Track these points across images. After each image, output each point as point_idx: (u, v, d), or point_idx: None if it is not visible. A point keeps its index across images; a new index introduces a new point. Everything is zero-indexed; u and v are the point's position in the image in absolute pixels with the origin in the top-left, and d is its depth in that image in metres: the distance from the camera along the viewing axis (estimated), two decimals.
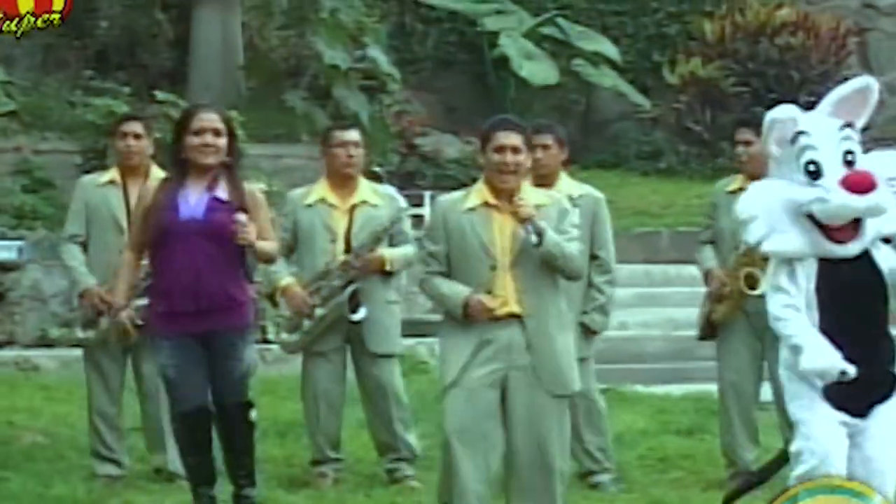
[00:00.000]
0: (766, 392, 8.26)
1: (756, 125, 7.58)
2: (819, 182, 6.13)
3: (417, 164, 15.38)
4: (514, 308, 6.43)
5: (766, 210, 6.34)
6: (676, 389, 11.03)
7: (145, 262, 7.08)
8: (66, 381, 10.09)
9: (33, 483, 7.67)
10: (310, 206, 8.05)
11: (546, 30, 17.45)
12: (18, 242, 10.38)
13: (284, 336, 8.12)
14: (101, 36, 16.28)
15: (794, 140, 6.25)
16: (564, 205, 6.65)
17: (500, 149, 6.43)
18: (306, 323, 7.95)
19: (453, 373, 6.46)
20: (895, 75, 18.10)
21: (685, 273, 12.42)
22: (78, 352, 8.25)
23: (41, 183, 13.23)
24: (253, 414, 6.95)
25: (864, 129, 6.48)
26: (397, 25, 17.58)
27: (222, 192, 6.81)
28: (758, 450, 8.15)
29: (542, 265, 6.45)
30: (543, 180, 7.90)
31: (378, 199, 8.07)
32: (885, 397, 6.29)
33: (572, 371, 6.54)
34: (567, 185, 8.05)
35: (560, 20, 17.49)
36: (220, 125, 6.85)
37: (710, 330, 8.26)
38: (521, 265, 6.43)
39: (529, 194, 6.54)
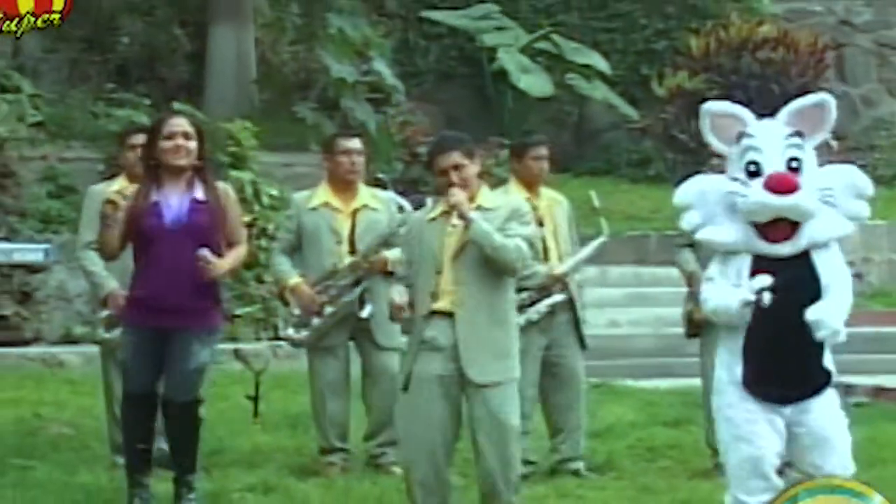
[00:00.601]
0: None
1: None
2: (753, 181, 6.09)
3: (420, 172, 15.30)
4: (450, 306, 6.38)
5: (701, 201, 6.29)
6: (664, 384, 11.03)
7: None
8: (90, 376, 10.08)
9: (59, 471, 7.67)
10: (314, 209, 8.07)
11: (541, 45, 17.45)
12: (45, 245, 10.32)
13: (291, 332, 8.11)
14: (123, 51, 16.28)
15: (738, 139, 6.24)
16: (517, 207, 6.58)
17: (443, 172, 6.44)
18: (315, 320, 7.96)
19: (402, 377, 6.48)
20: (870, 87, 18.09)
21: (673, 274, 12.33)
22: None
23: (66, 189, 13.23)
24: (201, 410, 6.90)
25: (840, 139, 6.47)
26: (401, 41, 17.58)
27: (199, 192, 6.79)
28: None
29: (481, 261, 6.35)
30: (529, 186, 8.06)
31: (378, 203, 8.12)
32: (818, 389, 6.26)
33: (502, 361, 6.42)
34: (544, 192, 8.20)
35: (554, 36, 17.49)
36: (190, 129, 6.82)
37: (694, 328, 8.29)
38: (460, 262, 6.37)
39: (486, 198, 6.52)
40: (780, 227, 6.11)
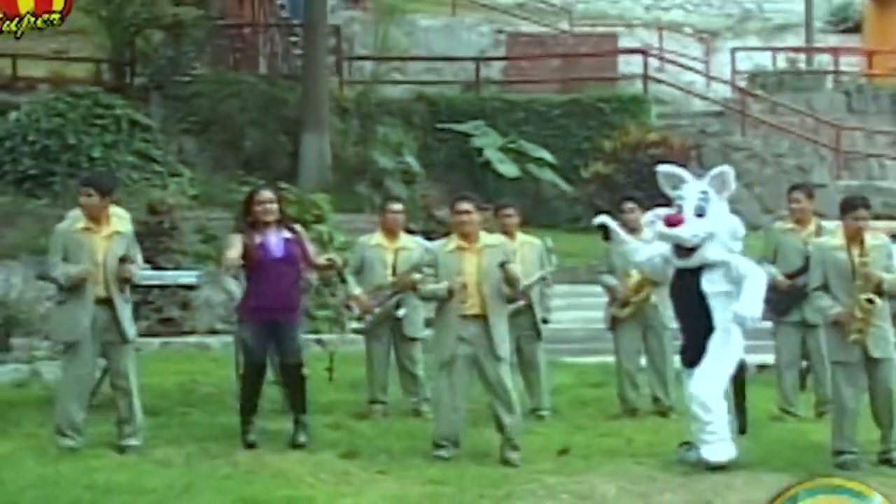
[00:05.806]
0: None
1: (637, 200, 7.68)
2: None
3: (434, 227, 15.33)
4: (478, 311, 6.45)
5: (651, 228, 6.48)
6: (590, 360, 10.96)
7: None
8: (226, 356, 10.05)
9: (206, 416, 7.69)
10: (372, 246, 8.11)
11: (511, 145, 17.53)
12: (197, 272, 10.41)
13: (355, 324, 8.20)
14: (248, 150, 16.39)
15: (676, 189, 6.34)
16: (510, 249, 6.75)
17: (459, 212, 6.51)
18: (368, 317, 7.97)
19: (443, 357, 6.51)
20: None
21: (595, 290, 12.39)
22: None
23: (211, 238, 13.19)
24: (305, 371, 6.90)
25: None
26: (423, 143, 17.60)
27: (286, 233, 6.83)
28: (640, 397, 8.13)
29: (496, 285, 6.41)
30: (505, 233, 7.98)
31: (413, 244, 8.13)
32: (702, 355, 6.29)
33: (505, 345, 6.55)
34: (520, 237, 8.11)
35: (519, 140, 17.58)
36: (274, 197, 6.88)
37: (613, 324, 8.23)
38: (484, 285, 6.43)
39: (484, 238, 6.58)
40: (681, 248, 6.17)
